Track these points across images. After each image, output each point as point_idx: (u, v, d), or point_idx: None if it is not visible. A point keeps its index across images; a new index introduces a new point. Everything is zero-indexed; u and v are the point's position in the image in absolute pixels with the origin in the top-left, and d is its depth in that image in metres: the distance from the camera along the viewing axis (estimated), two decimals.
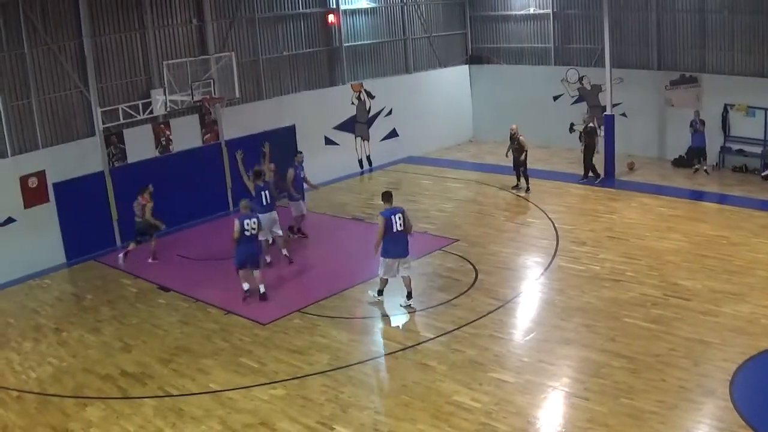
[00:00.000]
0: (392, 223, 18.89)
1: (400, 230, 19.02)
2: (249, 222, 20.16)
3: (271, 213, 23.08)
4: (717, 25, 30.32)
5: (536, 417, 14.10)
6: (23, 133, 24.28)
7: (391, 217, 18.93)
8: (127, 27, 26.46)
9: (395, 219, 18.92)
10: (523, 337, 17.54)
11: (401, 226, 19.00)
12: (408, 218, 19.33)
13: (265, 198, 22.85)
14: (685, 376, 14.87)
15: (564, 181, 30.09)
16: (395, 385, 15.67)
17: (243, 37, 30.05)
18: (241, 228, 19.97)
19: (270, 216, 23.02)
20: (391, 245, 19.08)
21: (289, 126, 31.29)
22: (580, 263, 21.43)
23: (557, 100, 35.71)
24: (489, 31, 38.73)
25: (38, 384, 17.01)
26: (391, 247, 19.11)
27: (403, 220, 19.06)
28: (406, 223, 19.17)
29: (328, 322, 19.08)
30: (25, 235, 24.02)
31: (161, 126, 27.45)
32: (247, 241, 20.27)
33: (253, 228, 20.23)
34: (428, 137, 36.64)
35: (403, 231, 19.08)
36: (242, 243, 20.21)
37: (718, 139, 30.39)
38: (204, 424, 14.75)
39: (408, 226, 19.26)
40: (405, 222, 19.10)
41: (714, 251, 21.58)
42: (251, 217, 20.33)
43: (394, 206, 19.32)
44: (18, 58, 23.91)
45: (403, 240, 19.21)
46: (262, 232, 21.38)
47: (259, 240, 21.26)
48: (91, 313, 21.02)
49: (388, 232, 18.93)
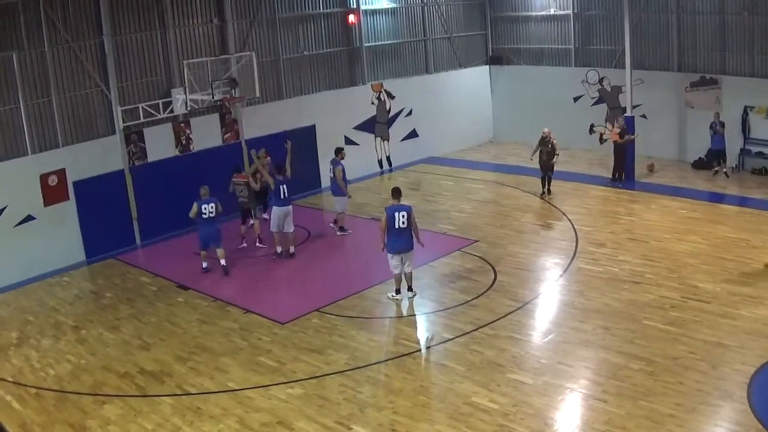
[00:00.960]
0: (395, 220, 19.30)
1: (403, 227, 19.34)
2: (206, 206, 22.30)
3: (286, 207, 23.51)
4: (737, 27, 30.18)
5: (554, 419, 14.06)
6: (43, 131, 24.42)
7: (395, 213, 19.33)
8: (148, 26, 26.55)
9: (398, 216, 19.29)
10: (542, 338, 17.50)
11: (404, 223, 19.32)
12: (414, 219, 19.66)
13: (282, 192, 23.44)
14: (703, 379, 14.81)
15: (584, 182, 30.00)
16: (413, 386, 15.65)
17: (263, 36, 30.09)
18: (198, 211, 22.27)
19: (284, 210, 23.51)
20: (394, 241, 19.51)
21: (309, 126, 31.31)
22: (599, 265, 21.38)
23: (577, 101, 35.61)
24: (509, 31, 38.66)
25: (57, 381, 17.09)
26: (394, 243, 19.53)
27: (408, 218, 19.35)
28: (411, 222, 19.47)
29: (346, 321, 19.09)
30: (45, 232, 24.14)
31: (181, 125, 27.52)
32: (207, 223, 22.55)
33: (210, 212, 22.35)
34: (448, 138, 36.61)
35: (406, 228, 19.38)
36: (202, 225, 22.63)
37: (737, 142, 30.23)
38: (222, 422, 14.78)
39: (413, 226, 19.59)
40: (409, 221, 19.39)
41: (733, 254, 21.47)
42: (209, 202, 22.35)
43: (402, 204, 19.70)
44: (38, 57, 24.03)
45: (406, 236, 19.54)
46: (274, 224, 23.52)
47: (217, 223, 22.87)
48: (110, 311, 21.11)
49: (391, 228, 19.38)
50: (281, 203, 23.43)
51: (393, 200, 19.79)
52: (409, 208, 19.62)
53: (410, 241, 19.63)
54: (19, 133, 23.86)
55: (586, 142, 35.27)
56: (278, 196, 23.45)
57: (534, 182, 29.37)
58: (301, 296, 21.09)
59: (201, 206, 22.27)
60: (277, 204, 23.44)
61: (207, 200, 22.37)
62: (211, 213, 22.38)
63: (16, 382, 17.17)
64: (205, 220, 22.48)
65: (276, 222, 23.61)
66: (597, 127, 35.26)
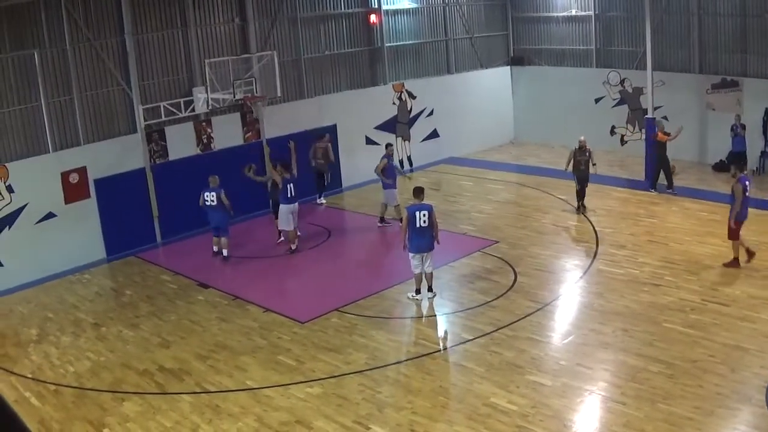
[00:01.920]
0: (416, 219, 19.31)
1: (424, 226, 19.34)
2: (209, 195, 23.76)
3: (291, 205, 24.07)
4: (758, 28, 30.02)
5: (572, 421, 14.04)
6: (65, 129, 24.55)
7: (416, 213, 19.35)
8: (170, 25, 26.65)
9: (419, 215, 19.30)
10: (561, 340, 17.47)
11: (425, 222, 19.33)
12: (435, 218, 19.64)
13: (289, 191, 24.06)
14: (721, 383, 14.75)
15: (605, 184, 29.89)
16: (432, 386, 15.65)
17: (285, 36, 30.15)
18: (202, 199, 23.85)
19: (290, 207, 24.06)
20: (415, 240, 19.55)
21: (331, 125, 31.36)
22: (620, 267, 21.32)
23: (599, 103, 35.52)
24: (531, 32, 38.61)
25: (76, 378, 17.18)
26: (415, 242, 19.57)
27: (428, 217, 19.36)
28: (432, 221, 19.47)
29: (366, 321, 19.10)
30: (66, 230, 24.26)
31: (203, 124, 27.61)
32: (210, 210, 23.96)
33: (212, 200, 23.73)
34: (469, 138, 36.59)
35: (427, 227, 19.39)
36: (207, 212, 24.08)
37: (758, 144, 30.07)
38: (240, 421, 14.82)
39: (434, 225, 19.56)
40: (430, 220, 19.41)
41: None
42: (212, 191, 23.75)
43: (423, 203, 19.73)
44: (60, 55, 24.17)
45: (427, 235, 19.55)
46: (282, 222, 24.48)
47: (221, 211, 23.89)
48: (130, 308, 21.20)
49: (412, 227, 19.42)
50: (288, 201, 24.01)
51: (415, 199, 19.89)
52: (431, 207, 19.63)
53: (431, 240, 19.64)
54: (41, 130, 23.99)
55: (608, 143, 35.14)
56: (285, 194, 23.98)
57: (554, 183, 29.34)
58: (321, 295, 21.10)
59: (204, 194, 23.83)
60: (284, 202, 24.00)
61: (211, 189, 23.76)
62: (212, 201, 23.74)
63: (35, 379, 17.27)
64: (208, 207, 23.92)
65: (285, 220, 24.13)
66: (618, 129, 35.17)
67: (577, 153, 26.67)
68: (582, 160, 26.62)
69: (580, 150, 26.72)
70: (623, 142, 35.06)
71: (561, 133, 34.99)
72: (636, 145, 33.34)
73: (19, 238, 23.44)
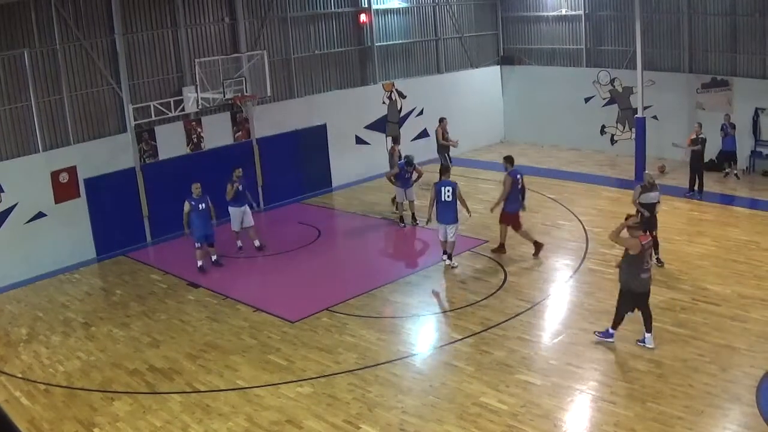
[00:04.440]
0: (441, 194, 21.84)
1: (448, 200, 21.74)
2: (196, 202, 22.97)
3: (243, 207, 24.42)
4: (748, 28, 30.16)
5: (562, 420, 14.06)
6: (55, 128, 24.52)
7: (442, 188, 21.90)
8: (160, 24, 26.62)
9: (444, 190, 21.83)
10: (551, 339, 17.50)
11: (449, 197, 21.75)
12: (460, 193, 22.00)
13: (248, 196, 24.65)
14: (712, 382, 14.80)
15: (595, 183, 29.96)
16: (422, 386, 15.67)
17: (275, 35, 30.16)
18: (189, 207, 22.97)
19: (242, 209, 24.41)
20: (440, 212, 21.97)
21: (320, 125, 31.36)
22: (610, 266, 21.27)
23: (588, 102, 35.58)
24: (520, 31, 38.67)
25: (66, 378, 17.16)
26: (440, 215, 21.96)
27: (453, 193, 21.77)
28: (457, 196, 21.81)
29: (356, 320, 19.11)
30: (56, 229, 24.24)
31: (193, 123, 27.59)
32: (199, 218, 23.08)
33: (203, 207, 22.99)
34: (459, 137, 36.53)
35: (451, 201, 21.73)
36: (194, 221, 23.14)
37: (748, 143, 30.22)
38: (231, 420, 14.82)
39: (460, 199, 22.00)
40: (454, 195, 21.76)
41: (744, 256, 21.45)
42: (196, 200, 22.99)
43: (448, 180, 22.34)
44: (50, 55, 24.14)
45: (450, 209, 21.80)
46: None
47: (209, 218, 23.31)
48: (120, 308, 21.18)
49: (438, 201, 21.90)
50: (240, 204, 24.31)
51: (441, 176, 22.78)
52: (455, 185, 22.05)
53: (454, 214, 21.80)
54: (31, 130, 23.95)
55: (598, 143, 35.25)
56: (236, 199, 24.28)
57: (543, 183, 29.38)
58: (311, 295, 21.10)
59: (190, 202, 23.03)
60: (235, 205, 24.27)
61: (198, 197, 23.04)
62: (203, 208, 23.08)
63: (25, 378, 17.23)
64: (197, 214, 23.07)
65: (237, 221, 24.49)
66: (608, 128, 35.23)
67: (646, 189, 21.32)
68: (649, 205, 21.12)
69: (650, 185, 21.34)
70: (613, 142, 35.12)
71: (551, 132, 35.09)
72: (626, 145, 33.42)
73: (9, 238, 23.40)
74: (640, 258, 16.01)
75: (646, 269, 16.13)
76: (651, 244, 16.80)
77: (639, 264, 16.04)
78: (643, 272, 16.09)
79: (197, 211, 22.88)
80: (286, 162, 30.18)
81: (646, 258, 16.17)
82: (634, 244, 15.97)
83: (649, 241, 16.56)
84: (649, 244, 16.49)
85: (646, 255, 16.13)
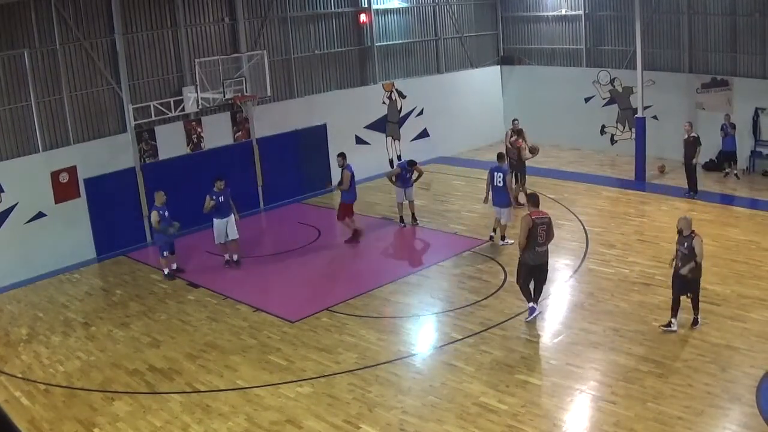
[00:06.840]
0: (494, 178, 23.55)
1: (499, 185, 23.36)
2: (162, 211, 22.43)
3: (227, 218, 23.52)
4: (748, 28, 30.14)
5: (562, 420, 14.06)
6: (55, 128, 24.51)
7: (494, 173, 23.57)
8: (160, 24, 26.61)
9: (496, 175, 23.48)
10: (551, 339, 17.48)
11: (500, 182, 23.32)
12: (508, 181, 23.57)
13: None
14: (712, 382, 14.80)
15: (595, 183, 29.96)
16: (422, 386, 15.67)
17: (275, 35, 30.14)
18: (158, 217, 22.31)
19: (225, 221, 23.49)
20: (493, 196, 23.74)
21: (320, 125, 31.37)
22: (610, 266, 21.36)
23: (588, 102, 35.58)
24: (520, 31, 38.67)
25: (66, 378, 17.15)
26: (493, 198, 23.73)
27: (503, 179, 23.28)
28: (506, 183, 23.35)
29: (356, 320, 19.11)
30: (56, 229, 24.24)
31: (193, 123, 27.59)
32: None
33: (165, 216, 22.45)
34: (459, 137, 36.62)
35: (502, 187, 23.30)
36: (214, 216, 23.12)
37: (748, 143, 30.21)
38: (231, 420, 14.82)
39: (508, 186, 23.52)
40: (504, 181, 23.28)
41: (744, 256, 21.45)
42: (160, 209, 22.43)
43: (501, 166, 23.79)
44: (50, 55, 24.13)
45: (501, 194, 23.42)
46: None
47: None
48: (120, 308, 21.17)
49: (491, 185, 23.59)
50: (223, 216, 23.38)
51: (498, 162, 23.88)
52: (506, 171, 23.80)
53: (505, 198, 23.40)
54: (31, 130, 23.95)
55: (598, 142, 35.26)
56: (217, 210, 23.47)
57: (543, 183, 29.36)
58: (311, 295, 21.12)
59: (159, 212, 22.48)
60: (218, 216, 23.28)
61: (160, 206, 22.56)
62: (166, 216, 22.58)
63: (25, 379, 17.23)
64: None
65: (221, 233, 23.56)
66: (608, 128, 35.23)
67: (683, 237, 17.33)
68: (683, 251, 17.20)
69: (683, 237, 17.33)
70: (613, 142, 35.12)
71: (551, 132, 35.01)
72: (626, 145, 33.41)
73: (9, 238, 23.40)
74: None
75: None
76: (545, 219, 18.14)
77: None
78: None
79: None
80: (286, 162, 30.18)
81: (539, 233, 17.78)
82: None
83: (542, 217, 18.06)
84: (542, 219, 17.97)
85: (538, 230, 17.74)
